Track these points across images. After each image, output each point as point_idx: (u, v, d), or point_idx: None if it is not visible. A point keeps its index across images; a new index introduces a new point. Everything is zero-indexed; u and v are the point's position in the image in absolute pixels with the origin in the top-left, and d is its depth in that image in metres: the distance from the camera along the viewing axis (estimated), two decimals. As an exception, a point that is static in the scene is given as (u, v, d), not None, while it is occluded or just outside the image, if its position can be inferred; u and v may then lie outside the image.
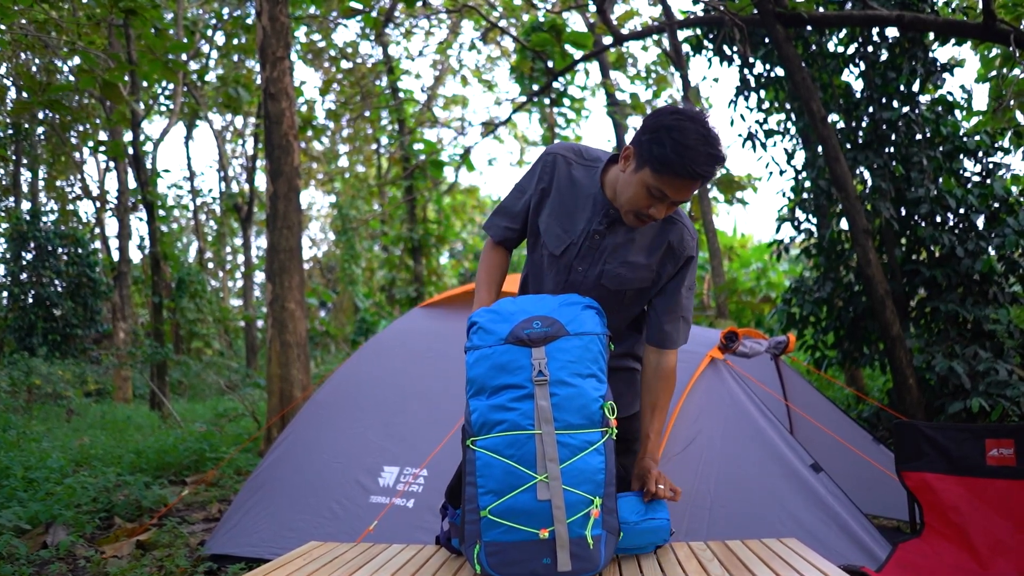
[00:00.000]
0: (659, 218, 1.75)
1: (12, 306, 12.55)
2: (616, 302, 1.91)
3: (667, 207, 1.74)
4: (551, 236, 1.91)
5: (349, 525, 3.32)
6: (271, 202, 5.99)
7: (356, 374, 4.22)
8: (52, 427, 7.86)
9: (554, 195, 1.92)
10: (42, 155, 15.66)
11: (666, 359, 1.95)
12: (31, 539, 3.96)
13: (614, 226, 1.86)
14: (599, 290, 1.89)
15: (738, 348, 3.47)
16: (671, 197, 1.70)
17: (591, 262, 1.88)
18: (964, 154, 5.53)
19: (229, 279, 26.55)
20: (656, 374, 1.94)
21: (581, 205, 1.89)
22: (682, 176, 1.65)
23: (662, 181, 1.67)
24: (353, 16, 11.44)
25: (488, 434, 1.64)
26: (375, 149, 18.93)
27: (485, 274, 2.06)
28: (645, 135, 1.70)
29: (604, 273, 1.87)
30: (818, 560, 1.75)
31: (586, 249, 1.88)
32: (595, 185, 1.88)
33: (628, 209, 1.76)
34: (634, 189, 1.72)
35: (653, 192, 1.70)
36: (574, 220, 1.89)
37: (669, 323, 1.93)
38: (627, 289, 1.89)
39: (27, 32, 8.78)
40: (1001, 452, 2.53)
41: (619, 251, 1.87)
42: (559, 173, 1.93)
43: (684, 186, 1.68)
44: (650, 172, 1.68)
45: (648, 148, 1.68)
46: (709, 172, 1.65)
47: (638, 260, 1.87)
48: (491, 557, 1.62)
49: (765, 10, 5.25)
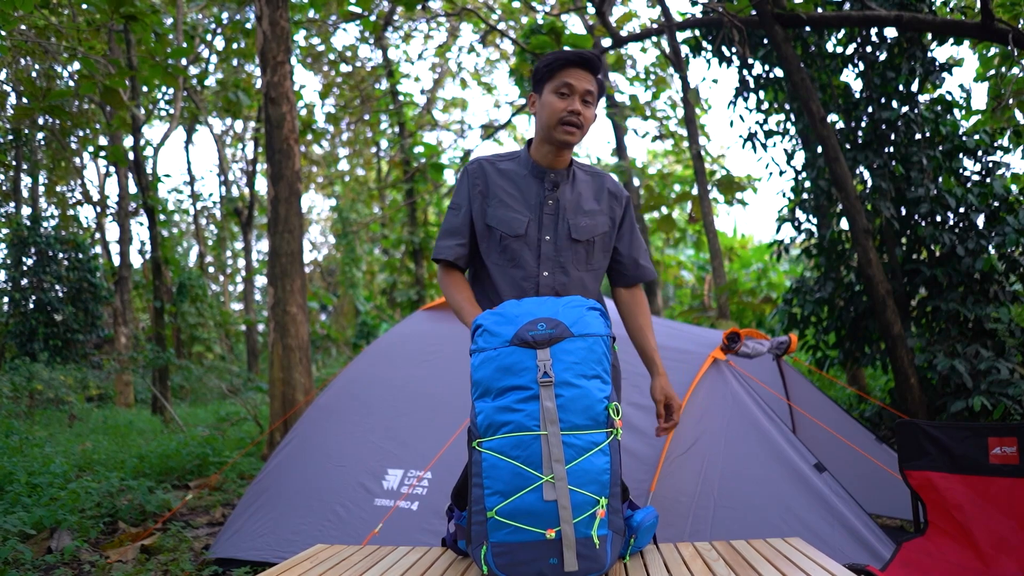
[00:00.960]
0: (578, 111, 1.94)
1: (13, 311, 12.54)
2: (587, 256, 2.06)
3: (579, 100, 1.96)
4: (507, 223, 2.01)
5: (354, 528, 3.32)
6: (272, 206, 6.00)
7: (359, 377, 4.23)
8: (54, 432, 7.86)
9: (493, 192, 2.05)
10: (42, 160, 15.67)
11: (639, 294, 2.23)
12: (36, 544, 3.96)
13: (559, 187, 2.04)
14: (573, 248, 2.02)
15: (740, 349, 3.47)
16: (576, 85, 1.95)
17: (554, 227, 2.02)
18: (964, 153, 5.54)
19: (230, 283, 26.56)
20: (637, 306, 2.20)
21: (523, 186, 2.05)
22: (570, 63, 1.95)
23: (559, 79, 1.95)
24: (352, 20, 11.46)
25: (494, 435, 1.65)
26: (375, 152, 18.94)
27: (458, 293, 2.06)
28: (533, 77, 2.04)
29: (572, 227, 2.02)
30: (824, 559, 1.76)
31: (546, 218, 2.02)
32: (527, 164, 2.07)
33: (554, 123, 1.96)
34: (548, 106, 1.97)
35: (562, 91, 1.95)
36: (524, 200, 2.04)
37: (643, 257, 2.19)
38: (594, 236, 2.06)
39: (27, 38, 8.79)
40: (1004, 450, 2.53)
41: (574, 206, 2.04)
42: (489, 174, 2.08)
43: (578, 75, 1.95)
44: (547, 84, 1.97)
45: (537, 75, 2.00)
46: (589, 55, 1.95)
47: (592, 207, 2.07)
48: (498, 558, 1.63)
49: (764, 11, 5.26)
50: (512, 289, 2.02)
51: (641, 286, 2.26)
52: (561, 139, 1.98)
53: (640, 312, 2.20)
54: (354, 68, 15.63)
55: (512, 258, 2.01)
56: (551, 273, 2.01)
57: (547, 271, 2.00)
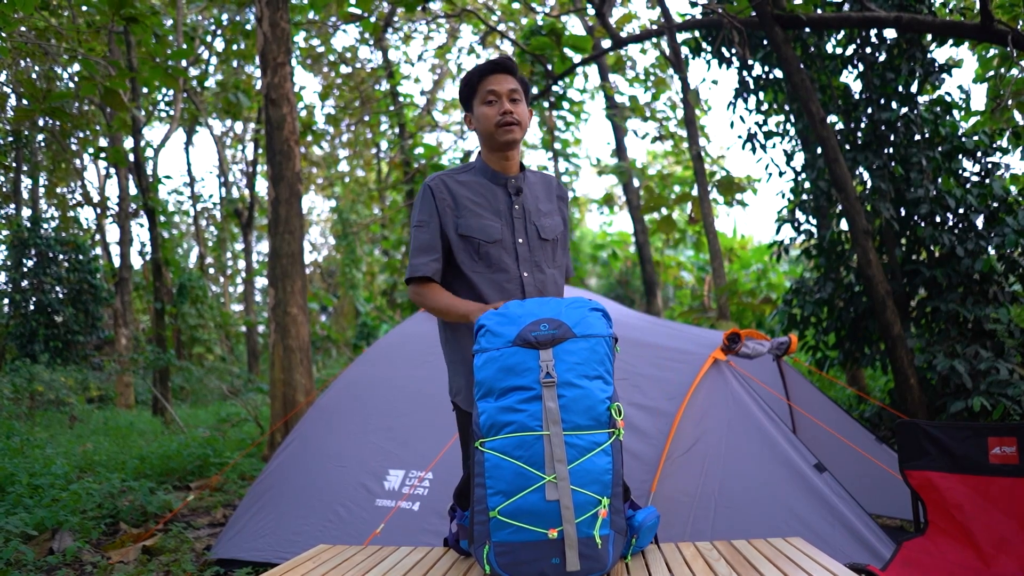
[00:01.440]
0: (510, 111, 2.04)
1: (13, 313, 12.54)
2: (553, 253, 2.16)
3: (506, 99, 2.06)
4: (483, 230, 2.06)
5: (355, 529, 3.33)
6: (273, 207, 6.01)
7: (360, 378, 4.24)
8: (55, 434, 7.87)
9: (461, 203, 2.10)
10: (42, 162, 15.66)
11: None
12: (37, 545, 3.97)
13: (519, 193, 2.13)
14: (543, 248, 2.12)
15: (741, 349, 3.48)
16: (499, 89, 2.06)
17: (524, 229, 2.10)
18: (963, 154, 5.55)
19: (230, 284, 26.56)
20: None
21: (487, 195, 2.12)
22: (485, 73, 2.07)
23: (481, 90, 2.07)
24: (352, 21, 11.47)
25: (497, 435, 1.66)
26: (375, 153, 18.95)
27: (441, 296, 2.05)
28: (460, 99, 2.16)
29: (539, 228, 2.12)
30: (825, 559, 1.77)
31: (516, 222, 2.10)
32: (485, 172, 2.15)
33: (493, 128, 2.06)
34: (481, 117, 2.08)
35: (489, 100, 2.06)
36: (492, 207, 2.10)
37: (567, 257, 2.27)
38: (557, 235, 2.16)
39: (27, 40, 8.80)
40: (1004, 450, 2.54)
41: (536, 209, 2.14)
42: (451, 188, 2.12)
43: (497, 79, 2.07)
44: (474, 99, 2.10)
45: (462, 96, 2.14)
46: (499, 60, 2.08)
47: (548, 208, 2.18)
48: (500, 557, 1.64)
49: (763, 12, 5.28)
50: (497, 292, 2.05)
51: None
52: (504, 140, 2.07)
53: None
54: (354, 69, 15.64)
55: (492, 263, 2.05)
56: (530, 273, 2.08)
57: (527, 271, 2.07)
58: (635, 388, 3.29)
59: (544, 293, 2.08)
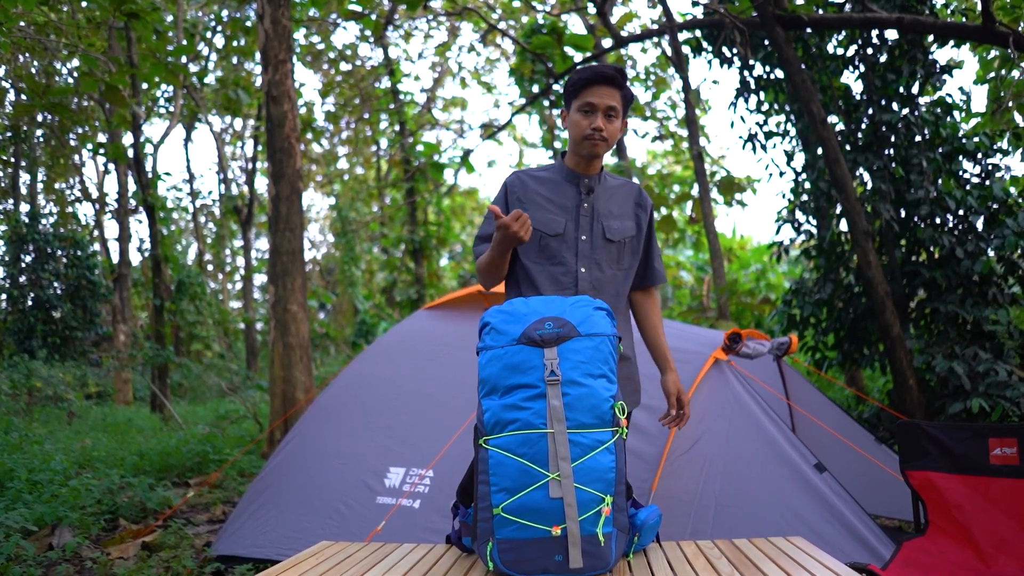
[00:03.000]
0: (601, 128, 2.05)
1: (11, 308, 12.52)
2: (619, 256, 2.17)
3: (602, 117, 2.06)
4: (546, 223, 2.11)
5: (356, 526, 3.33)
6: (273, 204, 6.00)
7: (361, 376, 4.24)
8: (54, 430, 7.86)
9: (531, 198, 2.15)
10: (41, 157, 15.63)
11: (654, 295, 2.35)
12: (37, 540, 3.97)
13: (593, 192, 2.16)
14: (607, 248, 2.14)
15: (741, 349, 3.49)
16: (597, 104, 2.05)
17: (590, 228, 2.13)
18: (963, 156, 5.55)
19: (228, 281, 26.54)
20: (651, 306, 2.32)
21: (559, 191, 2.16)
22: (591, 82, 2.05)
23: (581, 98, 2.06)
24: (353, 18, 11.46)
25: (501, 433, 1.66)
26: (375, 151, 18.94)
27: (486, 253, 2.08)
28: (564, 94, 2.16)
29: (606, 229, 2.14)
30: (826, 558, 1.77)
31: (583, 220, 2.13)
32: (562, 171, 2.19)
33: (580, 139, 2.09)
34: (574, 125, 2.10)
35: (584, 110, 2.07)
36: (560, 204, 2.14)
37: (658, 261, 2.31)
38: (625, 239, 2.18)
39: (27, 35, 8.78)
40: (1004, 451, 2.55)
41: (606, 211, 2.16)
42: (526, 183, 2.18)
43: (600, 92, 2.05)
44: (573, 102, 2.09)
45: (565, 93, 2.14)
46: (608, 71, 2.05)
47: (622, 212, 2.20)
48: (504, 554, 1.64)
49: (765, 12, 5.28)
50: (551, 283, 2.09)
51: (655, 289, 2.36)
52: (587, 152, 2.10)
53: (653, 312, 2.33)
54: (354, 67, 15.63)
55: (551, 256, 2.10)
56: (588, 269, 2.10)
57: (584, 267, 2.10)
58: (636, 387, 3.30)
59: (599, 290, 2.10)
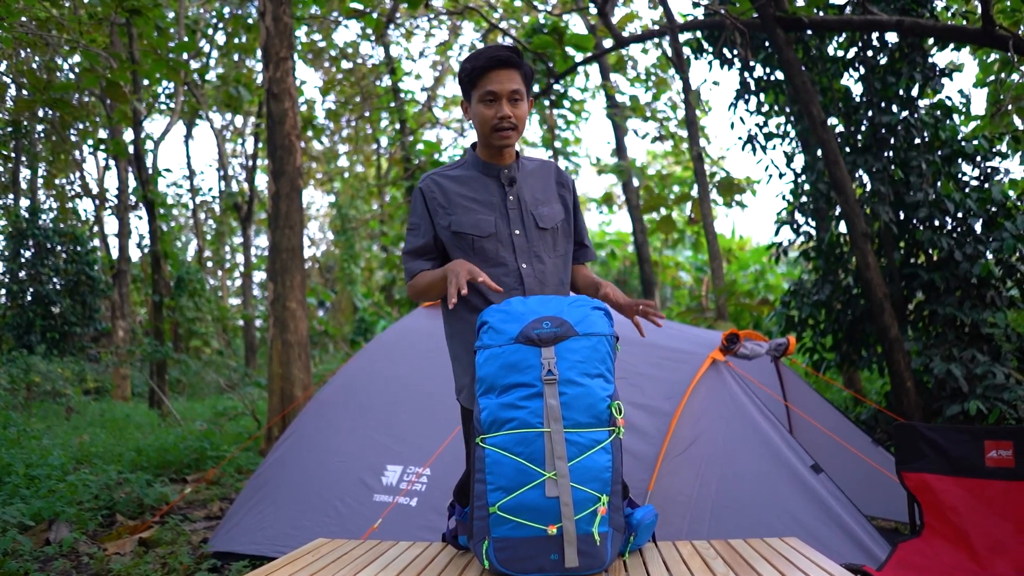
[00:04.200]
0: (508, 115, 1.94)
1: (11, 303, 12.51)
2: (554, 243, 2.08)
3: (506, 102, 1.95)
4: (476, 225, 2.00)
5: (353, 523, 3.34)
6: (273, 202, 6.01)
7: (359, 374, 4.24)
8: (52, 425, 7.86)
9: (453, 200, 2.04)
10: (41, 153, 15.61)
11: (588, 271, 2.25)
12: (34, 536, 3.97)
13: (513, 183, 2.06)
14: (542, 238, 2.04)
15: (739, 350, 3.49)
16: (499, 91, 1.94)
17: (521, 220, 2.04)
18: (962, 158, 5.56)
19: (228, 278, 26.53)
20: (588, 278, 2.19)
21: (480, 188, 2.05)
22: (487, 68, 1.93)
23: (482, 87, 1.95)
24: (354, 16, 11.45)
25: (498, 432, 1.67)
26: (375, 149, 18.93)
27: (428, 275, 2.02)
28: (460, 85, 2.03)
29: (536, 218, 2.05)
30: (821, 559, 1.78)
31: (512, 213, 2.03)
32: (477, 165, 2.08)
33: (486, 131, 1.98)
34: (478, 116, 1.98)
35: (487, 99, 1.95)
36: (485, 201, 2.04)
37: (587, 239, 2.23)
38: (556, 224, 2.08)
39: (28, 30, 8.77)
40: (1000, 454, 2.56)
41: (532, 199, 2.07)
42: (442, 185, 2.06)
43: (499, 77, 1.94)
44: (474, 92, 1.98)
45: (462, 84, 2.01)
46: (503, 53, 1.94)
47: (547, 196, 2.10)
48: (500, 553, 1.65)
49: (766, 14, 5.28)
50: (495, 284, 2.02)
51: (586, 267, 2.28)
52: (499, 144, 2.00)
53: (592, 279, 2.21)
54: (355, 65, 15.62)
55: (488, 258, 1.99)
56: (529, 264, 2.01)
57: (525, 263, 2.00)
58: (634, 387, 3.30)
59: (544, 283, 2.01)
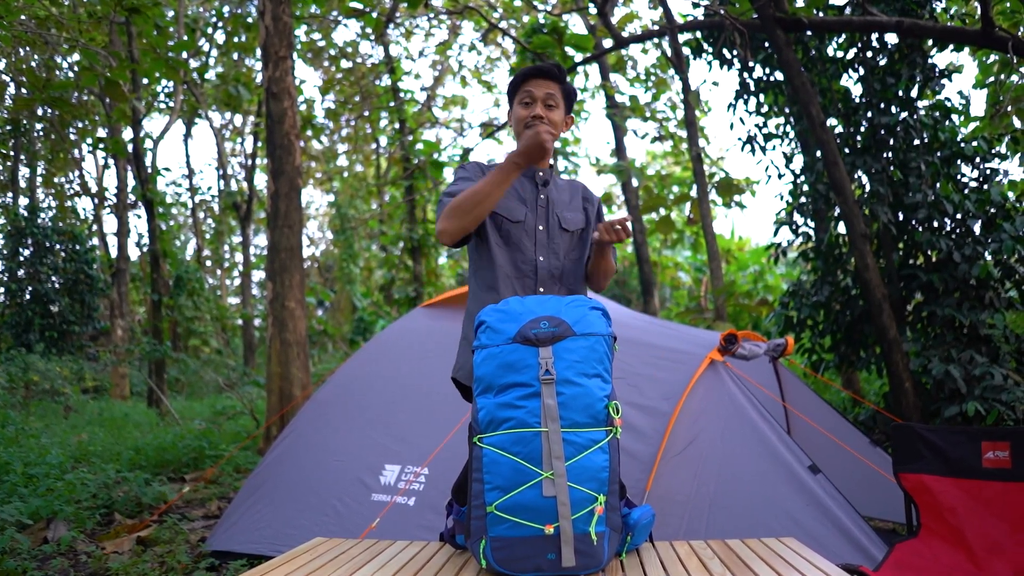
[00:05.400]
0: (540, 115, 2.12)
1: (9, 302, 12.51)
2: (571, 245, 2.21)
3: (541, 105, 2.14)
4: (508, 209, 2.15)
5: (351, 523, 3.34)
6: (272, 201, 6.01)
7: (358, 373, 4.24)
8: (50, 423, 7.86)
9: None
10: (41, 151, 15.61)
11: None
12: (32, 534, 3.97)
13: (547, 185, 2.22)
14: (562, 237, 2.18)
15: (737, 350, 3.50)
16: (534, 92, 2.14)
17: (546, 219, 2.18)
18: (962, 159, 5.56)
19: (227, 277, 26.52)
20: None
21: (517, 184, 2.21)
22: (529, 76, 2.15)
23: (521, 91, 2.16)
24: (354, 16, 11.45)
25: (495, 431, 1.67)
26: (374, 149, 18.93)
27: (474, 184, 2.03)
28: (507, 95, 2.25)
29: (560, 219, 2.19)
30: (818, 559, 1.78)
31: (539, 211, 2.19)
32: None
33: (521, 129, 2.15)
34: (515, 116, 2.18)
35: (524, 101, 2.15)
36: (519, 195, 2.19)
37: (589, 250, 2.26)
38: (577, 229, 2.23)
39: (27, 28, 8.76)
40: (997, 455, 2.56)
41: (559, 202, 2.23)
42: (486, 171, 2.19)
43: (538, 84, 2.15)
44: (514, 98, 2.19)
45: (508, 94, 2.24)
46: (546, 66, 2.15)
47: (574, 204, 2.27)
48: (497, 552, 1.65)
49: (765, 15, 5.29)
50: (511, 268, 2.11)
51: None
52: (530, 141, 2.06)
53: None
54: (355, 64, 15.62)
55: (512, 242, 2.13)
56: (546, 258, 2.13)
57: (542, 256, 2.13)
58: (632, 387, 3.31)
59: (555, 279, 2.13)
